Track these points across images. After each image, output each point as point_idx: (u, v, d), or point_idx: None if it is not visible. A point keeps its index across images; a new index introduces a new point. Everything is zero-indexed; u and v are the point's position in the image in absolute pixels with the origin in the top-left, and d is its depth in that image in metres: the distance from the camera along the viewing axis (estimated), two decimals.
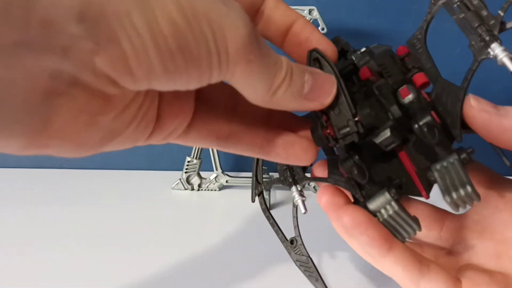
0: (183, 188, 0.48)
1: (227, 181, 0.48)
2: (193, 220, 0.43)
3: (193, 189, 0.48)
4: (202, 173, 0.48)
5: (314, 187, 0.46)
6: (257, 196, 0.30)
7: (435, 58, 0.22)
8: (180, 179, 0.48)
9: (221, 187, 0.48)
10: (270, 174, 0.45)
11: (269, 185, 0.29)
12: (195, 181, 0.48)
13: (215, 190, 0.48)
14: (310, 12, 0.42)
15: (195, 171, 0.48)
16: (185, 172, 0.48)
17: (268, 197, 0.44)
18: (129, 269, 0.35)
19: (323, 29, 0.41)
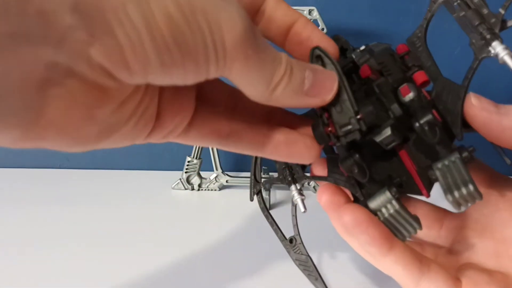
0: (183, 188, 0.48)
1: (227, 181, 0.48)
2: (193, 220, 0.43)
3: (193, 189, 0.48)
4: (202, 173, 0.48)
5: (314, 187, 0.46)
6: (255, 195, 0.30)
7: (435, 58, 0.22)
8: (180, 179, 0.48)
9: (221, 187, 0.48)
10: (270, 174, 0.45)
11: (268, 183, 0.29)
12: (195, 181, 0.48)
13: (215, 190, 0.48)
14: (310, 12, 0.42)
15: (195, 171, 0.48)
16: (185, 172, 0.48)
17: (268, 197, 0.44)
18: (129, 269, 0.35)
19: (323, 29, 0.42)
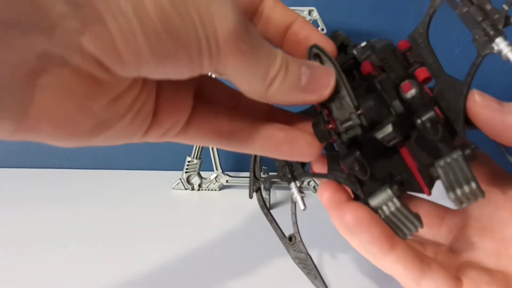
0: (183, 188, 0.48)
1: (227, 181, 0.48)
2: (193, 220, 0.43)
3: (193, 189, 0.48)
4: (202, 173, 0.48)
5: (314, 187, 0.46)
6: (255, 193, 0.30)
7: None
8: (180, 179, 0.48)
9: (221, 187, 0.48)
10: (270, 174, 0.45)
11: (268, 180, 0.29)
12: (195, 181, 0.48)
13: (215, 190, 0.48)
14: (310, 12, 0.42)
15: (195, 171, 0.48)
16: (186, 172, 0.48)
17: (268, 197, 0.44)
18: (129, 269, 0.35)
19: (322, 29, 0.42)
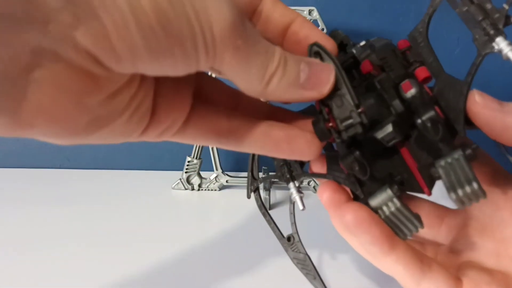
0: (183, 188, 0.48)
1: (227, 181, 0.48)
2: (193, 220, 0.43)
3: (193, 189, 0.48)
4: (202, 173, 0.48)
5: (314, 187, 0.46)
6: (253, 192, 0.29)
7: None
8: (180, 179, 0.48)
9: (221, 187, 0.48)
10: (271, 174, 0.45)
11: (266, 180, 0.29)
12: (195, 181, 0.48)
13: (215, 190, 0.48)
14: (310, 12, 0.42)
15: (195, 171, 0.48)
16: (185, 172, 0.48)
17: (268, 197, 0.44)
18: (129, 269, 0.35)
19: (322, 29, 0.42)
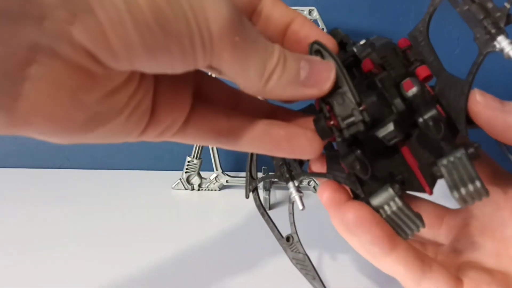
0: (183, 188, 0.48)
1: (227, 181, 0.48)
2: (193, 220, 0.43)
3: (193, 189, 0.48)
4: (202, 173, 0.48)
5: (314, 187, 0.46)
6: (251, 192, 0.29)
7: None
8: (180, 179, 0.48)
9: (221, 187, 0.48)
10: (270, 173, 0.45)
11: (264, 180, 0.29)
12: (195, 181, 0.48)
13: (215, 190, 0.48)
14: (310, 12, 0.42)
15: (195, 171, 0.48)
16: (185, 172, 0.48)
17: (268, 197, 0.44)
18: (129, 269, 0.35)
19: (323, 29, 0.41)
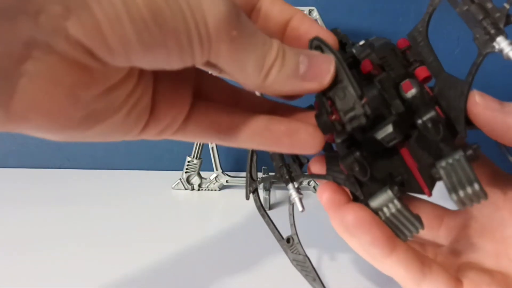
0: (183, 188, 0.48)
1: (227, 181, 0.48)
2: (193, 220, 0.43)
3: (193, 189, 0.48)
4: (202, 173, 0.48)
5: (314, 187, 0.46)
6: (251, 194, 0.29)
7: None
8: (180, 179, 0.48)
9: (221, 187, 0.48)
10: (270, 174, 0.45)
11: (264, 181, 0.29)
12: (195, 181, 0.48)
13: (215, 190, 0.48)
14: (310, 13, 0.42)
15: (195, 171, 0.48)
16: (185, 172, 0.48)
17: (268, 197, 0.44)
18: (129, 269, 0.35)
19: None
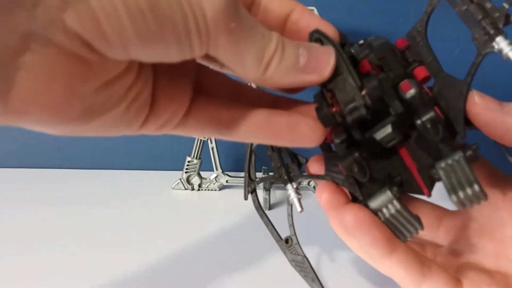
0: (183, 188, 0.48)
1: (227, 181, 0.48)
2: (193, 220, 0.43)
3: (193, 189, 0.48)
4: (202, 173, 0.48)
5: (314, 187, 0.46)
6: (250, 194, 0.29)
7: None
8: (180, 179, 0.48)
9: (221, 187, 0.48)
10: (269, 174, 0.45)
11: (263, 182, 0.29)
12: (195, 181, 0.48)
13: (215, 190, 0.48)
14: None
15: (195, 171, 0.48)
16: (185, 172, 0.48)
17: (267, 197, 0.44)
18: (129, 269, 0.35)
19: None
